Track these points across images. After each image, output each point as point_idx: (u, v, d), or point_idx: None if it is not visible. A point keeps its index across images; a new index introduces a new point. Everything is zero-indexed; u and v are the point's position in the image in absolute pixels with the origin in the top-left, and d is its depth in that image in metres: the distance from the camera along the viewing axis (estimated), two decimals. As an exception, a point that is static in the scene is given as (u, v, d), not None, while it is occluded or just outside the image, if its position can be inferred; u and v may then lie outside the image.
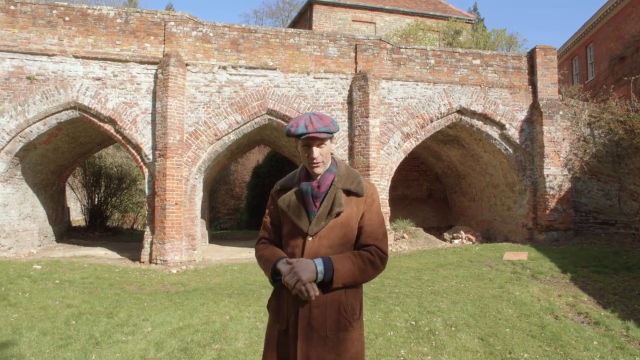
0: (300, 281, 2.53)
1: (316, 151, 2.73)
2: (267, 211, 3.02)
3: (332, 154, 2.85)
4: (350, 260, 2.65)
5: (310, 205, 2.77)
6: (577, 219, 14.68)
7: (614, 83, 19.40)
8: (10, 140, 12.18)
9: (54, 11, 12.50)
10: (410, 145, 14.45)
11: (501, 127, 14.86)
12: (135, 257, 12.77)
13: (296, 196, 2.81)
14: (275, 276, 2.72)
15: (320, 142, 2.73)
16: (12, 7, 12.26)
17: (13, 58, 12.20)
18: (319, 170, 2.76)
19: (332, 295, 2.64)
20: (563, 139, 14.59)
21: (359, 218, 2.77)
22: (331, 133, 2.72)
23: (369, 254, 2.70)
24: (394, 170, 14.31)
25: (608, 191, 14.86)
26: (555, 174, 14.45)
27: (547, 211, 14.27)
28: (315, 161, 2.74)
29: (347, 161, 13.50)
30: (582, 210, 14.84)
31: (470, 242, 15.20)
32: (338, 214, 2.72)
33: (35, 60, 12.31)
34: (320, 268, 2.57)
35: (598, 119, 14.96)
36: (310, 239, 2.72)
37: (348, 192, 2.77)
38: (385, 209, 13.79)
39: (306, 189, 2.78)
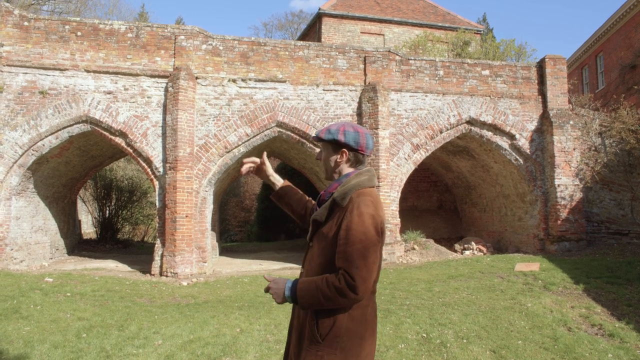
0: (276, 302, 2.68)
1: (318, 155, 2.86)
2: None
3: (357, 166, 2.79)
4: (316, 285, 2.51)
5: (314, 210, 2.86)
6: (589, 229, 14.55)
7: (624, 92, 19.32)
8: (23, 153, 12.31)
9: (67, 26, 12.66)
10: (420, 156, 14.43)
11: (511, 137, 14.81)
12: (146, 269, 12.80)
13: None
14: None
15: (323, 146, 2.83)
16: (25, 24, 12.45)
17: (26, 73, 12.36)
18: (322, 175, 2.88)
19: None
20: (574, 149, 14.51)
21: (337, 231, 2.56)
22: (317, 139, 2.79)
23: (336, 279, 2.46)
24: (404, 181, 14.29)
25: (620, 201, 14.73)
26: (567, 184, 14.35)
27: (559, 221, 14.17)
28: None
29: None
30: (594, 220, 14.72)
31: (481, 253, 15.11)
32: (315, 222, 2.72)
33: (47, 75, 12.46)
34: (288, 293, 2.61)
35: (609, 128, 14.87)
36: (309, 244, 2.79)
37: (334, 203, 2.64)
38: (396, 220, 13.76)
39: (319, 196, 2.85)
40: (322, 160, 2.83)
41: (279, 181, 3.24)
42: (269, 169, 3.20)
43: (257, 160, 3.17)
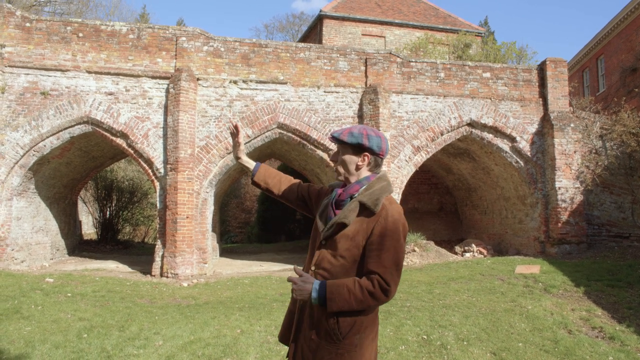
0: (295, 297, 2.69)
1: (333, 156, 2.87)
2: (315, 185, 3.20)
3: (375, 170, 2.84)
4: (347, 289, 2.55)
5: (330, 211, 2.82)
6: (589, 232, 14.55)
7: (625, 95, 19.33)
8: (25, 154, 12.33)
9: (68, 27, 12.69)
10: (420, 158, 14.43)
11: (512, 139, 14.82)
12: (147, 270, 12.81)
13: (328, 199, 2.91)
14: None
15: (338, 148, 2.86)
16: (27, 25, 12.47)
17: (28, 74, 12.39)
18: (338, 177, 2.88)
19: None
20: (574, 152, 14.51)
21: (366, 236, 2.61)
22: (339, 141, 2.80)
23: (370, 284, 2.54)
24: (405, 183, 14.29)
25: (621, 204, 14.73)
26: (567, 187, 14.35)
27: (559, 224, 14.17)
28: (334, 167, 2.87)
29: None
30: (594, 223, 14.71)
31: (482, 256, 15.11)
32: (342, 225, 2.68)
33: (49, 76, 12.48)
34: (315, 295, 2.60)
35: (610, 131, 14.87)
36: (322, 244, 2.77)
37: (363, 207, 2.66)
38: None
39: (332, 195, 2.87)
40: (339, 162, 2.84)
41: (251, 164, 3.28)
42: (241, 146, 3.26)
43: (239, 136, 3.26)
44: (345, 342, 2.59)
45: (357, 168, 2.80)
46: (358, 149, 2.78)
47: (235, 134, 3.26)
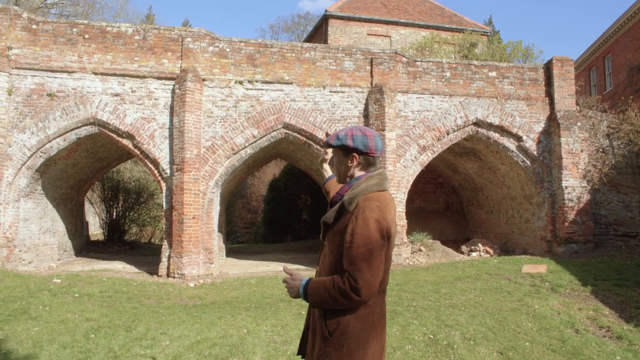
0: (290, 296, 2.79)
1: (331, 159, 2.95)
2: None
3: (368, 169, 2.84)
4: (324, 286, 2.60)
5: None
6: (596, 231, 14.48)
7: (632, 93, 19.23)
8: (32, 155, 12.39)
9: (74, 29, 12.74)
10: (426, 157, 14.41)
11: (518, 139, 14.77)
12: (153, 270, 12.85)
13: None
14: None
15: (334, 151, 2.89)
16: (34, 27, 12.54)
17: (34, 76, 12.45)
18: (335, 178, 2.98)
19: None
20: (581, 151, 14.45)
21: (344, 234, 2.63)
22: (328, 145, 2.86)
23: (340, 281, 2.55)
24: (411, 183, 14.27)
25: (628, 203, 14.65)
26: (574, 186, 14.29)
27: (566, 223, 14.11)
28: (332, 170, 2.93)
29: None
30: (601, 222, 14.64)
31: (488, 255, 15.07)
32: (324, 224, 2.79)
33: (55, 78, 12.54)
34: (301, 290, 2.70)
35: (617, 130, 14.79)
36: (323, 243, 2.87)
37: (343, 206, 2.69)
38: (402, 222, 13.74)
39: (332, 197, 2.97)
40: (334, 165, 2.91)
41: (327, 173, 3.54)
42: (327, 155, 3.44)
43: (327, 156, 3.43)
44: (333, 340, 2.62)
45: (348, 169, 2.83)
46: (345, 150, 2.80)
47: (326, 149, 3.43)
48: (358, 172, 2.82)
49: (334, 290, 2.54)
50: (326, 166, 3.48)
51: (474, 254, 15.29)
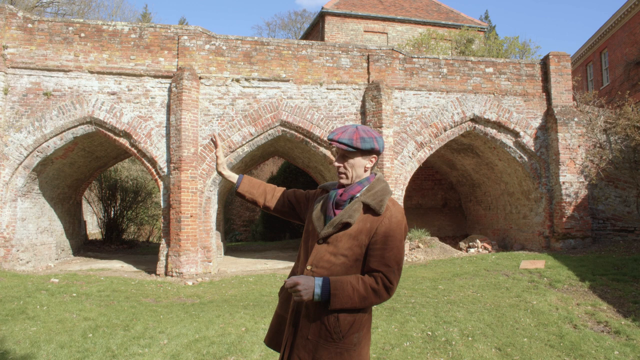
0: (301, 300, 2.61)
1: (339, 160, 2.82)
2: (302, 190, 3.24)
3: (371, 170, 2.86)
4: (351, 285, 2.58)
5: (330, 211, 2.81)
6: (594, 227, 14.50)
7: (629, 88, 19.22)
8: (28, 155, 12.36)
9: (70, 28, 12.70)
10: (424, 154, 14.41)
11: (515, 134, 14.77)
12: (151, 269, 12.84)
13: (324, 200, 2.90)
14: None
15: (343, 152, 2.78)
16: (29, 25, 12.49)
17: (30, 75, 12.41)
18: (342, 180, 2.82)
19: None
20: (578, 146, 14.45)
21: (370, 236, 2.65)
22: (353, 148, 2.73)
23: (373, 281, 2.59)
24: (408, 179, 14.27)
25: (626, 198, 14.67)
26: (572, 181, 14.30)
27: (564, 219, 14.12)
28: (338, 170, 2.82)
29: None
30: (599, 217, 14.66)
31: (486, 251, 15.08)
32: (346, 224, 2.69)
33: (51, 77, 12.51)
34: (318, 291, 2.59)
35: (614, 125, 14.80)
36: (319, 243, 2.75)
37: (367, 208, 2.70)
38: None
39: (331, 195, 2.86)
40: (347, 165, 2.80)
41: (233, 177, 3.34)
42: (221, 162, 3.37)
43: (218, 150, 3.39)
44: (345, 340, 2.61)
45: (366, 170, 2.83)
46: (368, 152, 2.79)
47: (215, 148, 3.36)
48: (365, 173, 2.84)
49: (365, 290, 2.58)
50: (227, 172, 3.36)
51: (472, 250, 15.30)
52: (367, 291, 2.57)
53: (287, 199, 3.21)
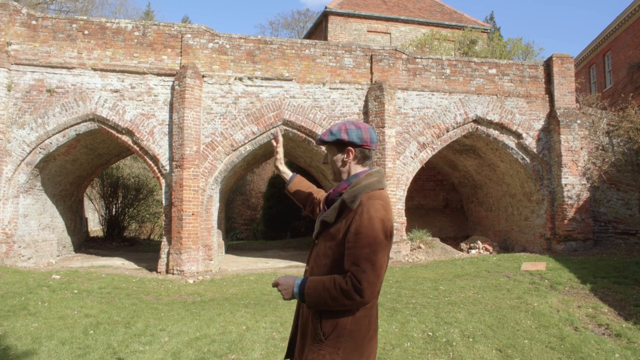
0: (283, 299, 2.69)
1: (324, 158, 2.87)
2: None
3: (367, 165, 2.79)
4: (324, 285, 2.52)
5: (323, 210, 2.83)
6: (596, 229, 14.48)
7: (632, 91, 19.20)
8: (31, 151, 12.38)
9: (74, 25, 12.72)
10: (426, 155, 14.41)
11: (518, 136, 14.76)
12: (153, 267, 12.85)
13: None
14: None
15: (327, 148, 2.82)
16: (33, 22, 12.51)
17: (34, 71, 12.43)
18: (330, 177, 2.84)
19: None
20: (581, 148, 14.44)
21: (346, 234, 2.55)
22: (322, 142, 2.78)
23: (343, 281, 2.47)
24: (410, 180, 14.27)
25: (628, 200, 14.64)
26: (574, 184, 14.28)
27: (566, 221, 14.11)
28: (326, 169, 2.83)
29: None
30: (601, 220, 14.64)
31: (488, 253, 15.07)
32: (323, 223, 2.69)
33: (55, 74, 12.52)
34: (296, 290, 2.62)
35: (617, 128, 14.78)
36: (315, 243, 2.79)
37: (344, 204, 2.61)
38: (402, 219, 13.74)
39: (326, 195, 2.86)
40: (329, 163, 2.84)
41: (287, 174, 3.37)
42: (280, 157, 3.35)
43: (279, 146, 3.37)
44: (328, 343, 2.54)
45: (344, 164, 2.77)
46: (340, 145, 2.75)
47: (275, 144, 3.35)
48: (356, 168, 2.76)
49: (335, 290, 2.46)
50: (283, 168, 3.35)
51: (473, 251, 15.29)
52: (337, 292, 2.46)
53: (312, 200, 3.26)
